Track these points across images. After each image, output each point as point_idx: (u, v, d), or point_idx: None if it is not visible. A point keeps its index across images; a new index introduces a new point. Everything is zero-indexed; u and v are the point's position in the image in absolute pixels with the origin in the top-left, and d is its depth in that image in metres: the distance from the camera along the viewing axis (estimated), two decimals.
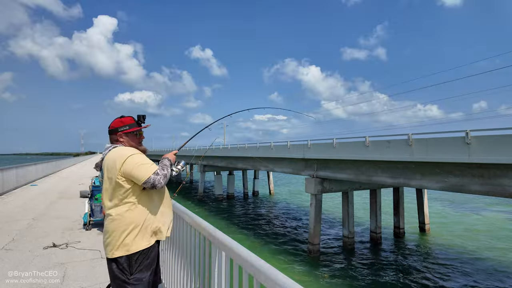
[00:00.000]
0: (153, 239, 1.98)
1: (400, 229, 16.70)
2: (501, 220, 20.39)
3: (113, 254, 1.85)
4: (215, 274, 1.70)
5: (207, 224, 1.91)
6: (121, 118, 2.12)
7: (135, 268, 1.88)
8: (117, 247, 1.85)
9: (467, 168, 8.36)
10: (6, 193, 11.15)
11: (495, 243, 15.33)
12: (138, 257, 1.89)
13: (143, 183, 1.85)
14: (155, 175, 1.86)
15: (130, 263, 1.87)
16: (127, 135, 2.09)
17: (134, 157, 1.90)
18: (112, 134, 2.09)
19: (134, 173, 1.85)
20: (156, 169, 1.91)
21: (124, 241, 1.85)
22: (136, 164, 1.86)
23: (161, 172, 1.92)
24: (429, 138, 8.88)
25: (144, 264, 1.92)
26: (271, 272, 1.13)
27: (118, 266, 1.85)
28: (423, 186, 9.64)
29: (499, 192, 7.74)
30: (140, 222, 1.90)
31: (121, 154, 1.90)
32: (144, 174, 1.84)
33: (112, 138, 2.09)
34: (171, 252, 2.74)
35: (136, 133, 2.14)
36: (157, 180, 1.86)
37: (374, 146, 10.57)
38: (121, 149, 1.96)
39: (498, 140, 7.32)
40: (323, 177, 13.91)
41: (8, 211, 7.73)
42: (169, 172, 2.02)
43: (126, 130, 2.08)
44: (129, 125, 2.09)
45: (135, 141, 2.13)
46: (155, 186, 1.85)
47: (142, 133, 2.22)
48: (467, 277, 11.52)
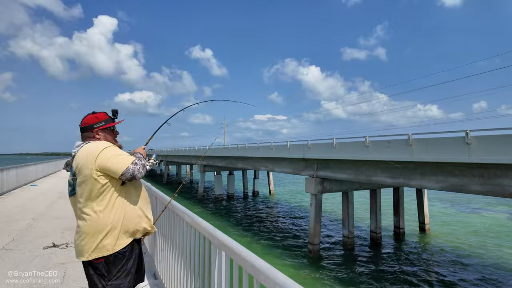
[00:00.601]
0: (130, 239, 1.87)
1: (400, 229, 16.70)
2: (501, 220, 20.38)
3: (89, 256, 1.72)
4: (215, 274, 1.70)
5: (207, 224, 1.91)
6: (95, 114, 2.00)
7: (114, 274, 1.77)
8: (93, 248, 1.72)
9: (467, 168, 8.36)
10: (6, 193, 11.15)
11: (495, 243, 15.32)
12: (117, 260, 1.78)
13: (121, 175, 1.73)
14: (133, 164, 1.77)
15: (109, 268, 1.76)
16: (104, 131, 1.98)
17: (108, 150, 1.79)
18: (87, 131, 1.94)
19: (110, 165, 1.72)
20: (134, 159, 1.82)
21: (101, 242, 1.72)
22: (111, 156, 1.75)
23: (139, 162, 1.82)
24: (429, 138, 8.87)
25: (124, 269, 1.80)
26: (271, 272, 1.13)
27: (95, 271, 1.75)
28: (423, 186, 9.64)
29: (499, 192, 7.74)
30: (118, 221, 1.78)
31: (94, 148, 1.78)
32: (121, 165, 1.74)
33: (87, 136, 1.94)
34: (171, 252, 2.74)
35: (112, 129, 2.05)
36: (136, 169, 1.77)
37: (374, 146, 10.57)
38: (94, 143, 1.84)
39: (498, 140, 7.32)
40: (323, 177, 13.91)
41: (8, 211, 7.73)
42: (144, 162, 1.93)
43: (102, 126, 1.96)
44: (104, 121, 1.98)
45: (112, 137, 2.03)
46: (134, 177, 1.76)
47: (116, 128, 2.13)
48: (467, 277, 11.51)
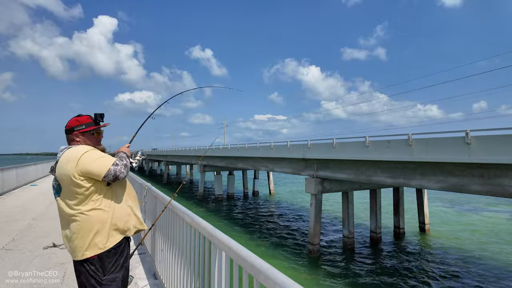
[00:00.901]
0: (121, 236, 1.93)
1: (400, 229, 16.70)
2: (501, 220, 20.38)
3: (83, 255, 1.77)
4: (215, 274, 1.70)
5: (207, 224, 1.91)
6: (78, 117, 2.03)
7: (109, 269, 1.82)
8: (85, 247, 1.77)
9: (467, 168, 8.36)
10: (6, 193, 11.15)
11: (495, 243, 15.33)
12: (111, 256, 1.84)
13: (104, 177, 1.78)
14: (114, 166, 1.81)
15: (103, 264, 1.81)
16: (84, 135, 2.00)
17: (89, 154, 1.82)
18: (68, 134, 1.99)
19: (91, 169, 1.76)
20: (115, 160, 1.86)
21: (93, 240, 1.78)
22: (92, 160, 1.79)
23: (120, 162, 1.86)
24: (429, 138, 8.88)
25: (118, 264, 1.87)
26: (271, 272, 1.13)
27: (90, 268, 1.78)
28: (423, 186, 9.64)
29: (499, 192, 7.74)
30: (107, 220, 1.84)
31: (74, 153, 1.81)
32: (102, 167, 1.78)
33: (69, 138, 2.00)
34: (171, 252, 2.74)
35: (93, 132, 2.05)
36: (118, 170, 1.81)
37: (374, 146, 10.57)
38: (75, 148, 1.87)
39: (498, 140, 7.32)
40: (323, 177, 13.91)
41: (8, 211, 7.73)
42: (128, 162, 1.97)
43: (82, 130, 1.99)
44: (85, 124, 2.01)
45: (92, 140, 2.04)
46: (117, 177, 1.80)
47: (101, 132, 2.14)
48: (467, 277, 11.51)
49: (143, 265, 3.89)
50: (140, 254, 4.30)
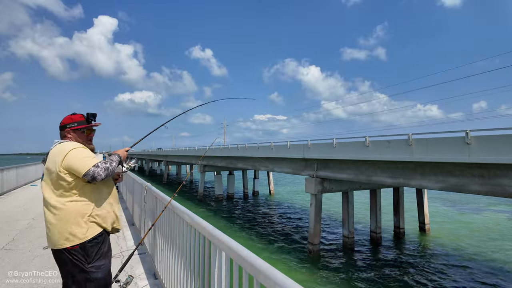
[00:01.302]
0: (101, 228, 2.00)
1: (400, 229, 16.70)
2: (501, 220, 20.38)
3: (62, 244, 1.85)
4: (215, 274, 1.70)
5: (207, 224, 1.91)
6: (71, 115, 2.15)
7: (93, 257, 1.90)
8: (65, 237, 1.85)
9: (467, 168, 8.36)
10: (6, 193, 11.15)
11: (495, 243, 15.33)
12: (93, 245, 1.91)
13: (83, 176, 1.87)
14: (94, 167, 1.88)
15: (86, 252, 1.88)
16: (75, 132, 2.12)
17: (75, 151, 1.93)
18: (61, 130, 2.12)
19: (73, 166, 1.87)
20: (97, 162, 1.93)
21: (72, 230, 1.86)
22: (76, 157, 1.89)
23: (102, 165, 1.93)
24: (429, 138, 8.88)
25: (102, 252, 1.95)
26: (271, 272, 1.13)
27: (73, 257, 1.86)
28: (423, 186, 9.64)
29: (499, 192, 7.74)
30: (86, 212, 1.93)
31: (63, 148, 1.93)
32: (83, 167, 1.87)
33: (61, 134, 2.13)
34: (171, 252, 2.74)
35: (83, 131, 2.16)
36: (97, 172, 1.88)
37: (374, 146, 10.57)
38: (65, 144, 1.99)
39: (498, 140, 7.32)
40: (323, 177, 13.91)
41: (8, 211, 7.73)
42: (114, 166, 2.04)
43: (73, 127, 2.11)
44: (77, 122, 2.13)
45: (82, 138, 2.15)
46: (95, 178, 1.87)
47: (93, 131, 2.25)
48: (467, 277, 11.52)
49: (143, 265, 3.89)
50: (140, 254, 4.30)
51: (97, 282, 1.90)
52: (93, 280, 1.88)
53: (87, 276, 1.87)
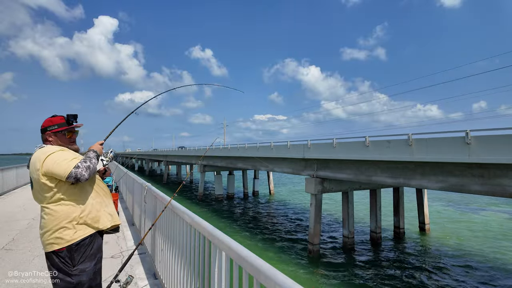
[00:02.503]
0: (92, 230, 1.99)
1: (400, 229, 16.70)
2: (501, 220, 20.38)
3: (52, 247, 1.86)
4: (215, 274, 1.70)
5: (207, 224, 1.91)
6: (51, 118, 2.11)
7: (78, 260, 1.89)
8: (53, 240, 1.86)
9: (467, 168, 8.36)
10: (6, 193, 11.15)
11: (495, 243, 15.33)
12: (79, 248, 1.91)
13: (67, 179, 1.84)
14: (75, 168, 1.86)
15: (72, 255, 1.88)
16: (56, 135, 2.09)
17: (53, 156, 1.90)
18: (42, 133, 2.09)
19: (54, 171, 1.85)
20: (77, 163, 1.90)
21: (60, 234, 1.86)
22: (55, 162, 1.86)
23: (82, 164, 1.90)
24: (429, 138, 8.87)
25: (87, 255, 1.94)
26: (271, 272, 1.13)
27: (60, 260, 1.86)
28: (423, 186, 9.64)
29: (499, 192, 7.74)
30: (74, 215, 1.92)
31: (40, 155, 1.91)
32: (64, 170, 1.84)
33: (43, 138, 2.10)
34: (171, 252, 2.74)
35: (64, 133, 2.12)
36: (79, 173, 1.85)
37: (374, 146, 10.57)
38: (43, 149, 1.96)
39: (498, 140, 7.32)
40: (323, 177, 13.91)
41: (8, 211, 7.73)
42: (94, 163, 2.01)
43: (54, 130, 2.08)
44: (57, 125, 2.09)
45: (64, 140, 2.12)
46: (78, 180, 1.85)
47: (75, 132, 2.21)
48: (467, 277, 11.51)
49: (143, 265, 3.89)
50: (140, 254, 4.30)
51: (80, 286, 1.88)
52: (76, 283, 1.87)
53: (71, 280, 1.86)
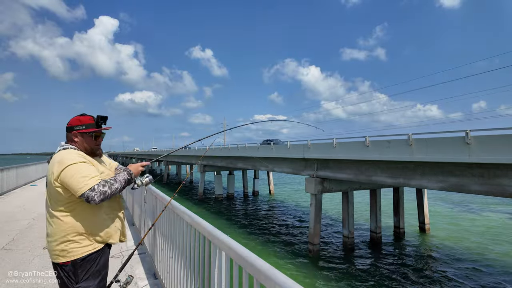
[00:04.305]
0: (100, 245, 1.88)
1: (400, 229, 16.70)
2: (501, 219, 20.38)
3: (57, 259, 1.77)
4: (215, 274, 1.70)
5: (207, 224, 1.91)
6: (80, 117, 1.95)
7: (81, 277, 1.78)
8: (59, 252, 1.76)
9: (467, 168, 8.36)
10: (6, 193, 11.14)
11: (495, 243, 15.33)
12: (84, 263, 1.80)
13: (79, 196, 1.72)
14: (90, 191, 1.70)
15: (76, 271, 1.77)
16: (82, 135, 1.93)
17: (73, 167, 1.74)
18: (68, 132, 1.93)
19: (70, 184, 1.72)
20: (94, 185, 1.73)
21: (66, 247, 1.76)
22: (72, 176, 1.72)
23: (99, 188, 1.73)
24: (429, 138, 8.88)
25: (91, 272, 1.82)
26: (271, 272, 1.13)
27: (64, 273, 1.77)
28: (423, 186, 9.64)
29: (499, 192, 7.74)
30: (84, 229, 1.81)
31: (62, 161, 1.76)
32: (79, 188, 1.70)
33: (68, 137, 1.94)
34: (171, 252, 2.74)
35: (92, 134, 1.95)
36: (91, 196, 1.70)
37: (374, 146, 10.57)
38: (66, 154, 1.80)
39: (498, 140, 7.32)
40: (323, 177, 13.91)
41: (8, 211, 7.72)
42: (116, 188, 1.83)
43: (81, 130, 1.91)
44: (86, 125, 1.93)
45: (90, 143, 1.95)
46: (89, 202, 1.71)
47: (102, 135, 2.03)
48: (467, 277, 11.51)
49: (143, 265, 3.89)
50: (140, 254, 4.30)
51: None
52: None
53: None
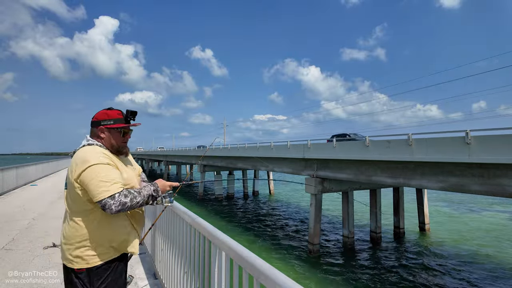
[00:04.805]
0: (118, 253, 1.74)
1: (400, 229, 16.70)
2: (501, 220, 20.38)
3: (71, 264, 1.64)
4: (215, 274, 1.70)
5: (207, 224, 1.91)
6: (107, 110, 1.78)
7: (96, 286, 1.65)
8: (73, 257, 1.63)
9: (467, 168, 8.36)
10: (6, 193, 11.14)
11: (495, 243, 15.33)
12: (100, 271, 1.66)
13: (97, 202, 1.57)
14: (110, 198, 1.54)
15: (91, 280, 1.64)
16: (110, 131, 1.76)
17: (96, 168, 1.58)
18: (94, 127, 1.76)
19: (89, 187, 1.56)
20: (115, 193, 1.57)
21: (81, 254, 1.63)
22: (93, 179, 1.56)
23: (119, 198, 1.57)
24: (429, 138, 8.88)
25: (107, 282, 1.68)
26: (272, 272, 1.13)
27: (79, 280, 1.63)
28: (423, 186, 9.64)
29: (499, 192, 7.74)
30: (101, 236, 1.66)
31: (84, 159, 1.60)
32: (98, 193, 1.54)
33: (93, 132, 1.77)
34: (171, 252, 2.74)
35: (120, 130, 1.79)
36: (109, 204, 1.53)
37: (374, 146, 10.57)
38: (89, 152, 1.64)
39: (498, 140, 7.32)
40: (323, 177, 13.91)
41: (8, 211, 7.72)
42: (137, 202, 1.66)
43: (109, 125, 1.75)
44: (114, 120, 1.76)
45: (117, 139, 1.79)
46: (104, 209, 1.56)
47: (130, 132, 1.87)
48: (467, 277, 11.51)
49: (143, 265, 3.89)
50: (140, 254, 4.30)
51: None
52: None
53: None
